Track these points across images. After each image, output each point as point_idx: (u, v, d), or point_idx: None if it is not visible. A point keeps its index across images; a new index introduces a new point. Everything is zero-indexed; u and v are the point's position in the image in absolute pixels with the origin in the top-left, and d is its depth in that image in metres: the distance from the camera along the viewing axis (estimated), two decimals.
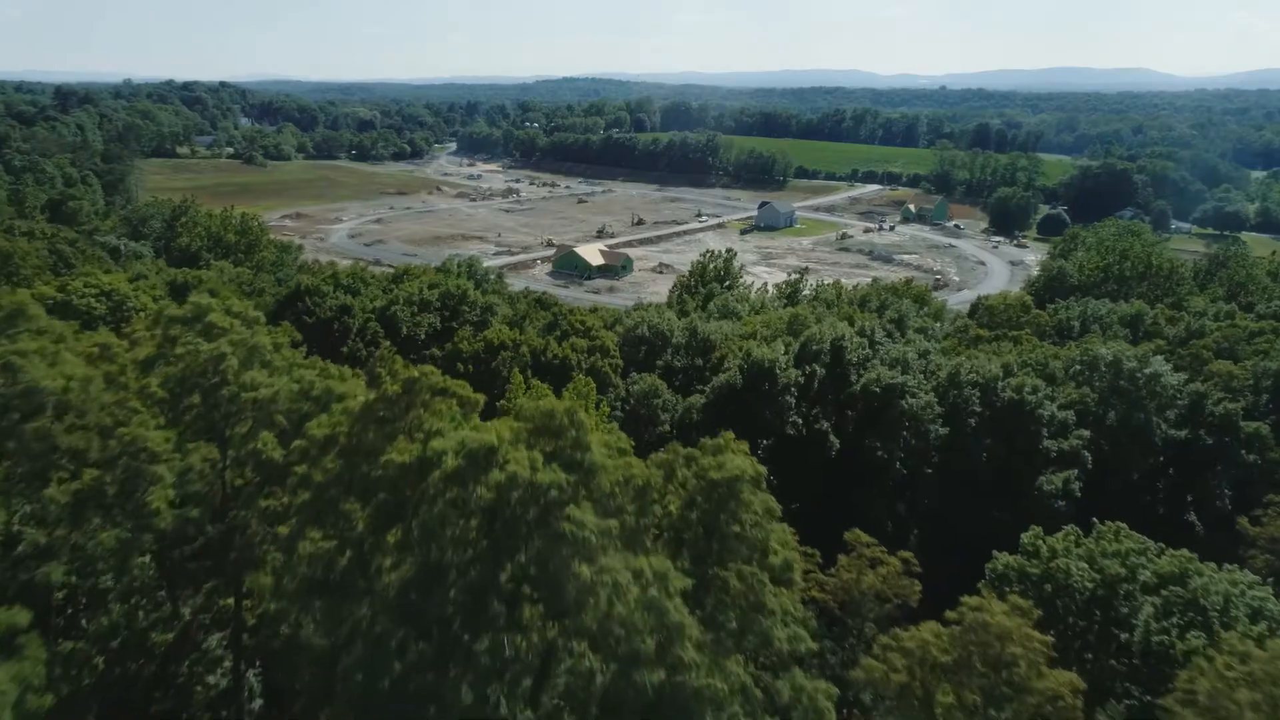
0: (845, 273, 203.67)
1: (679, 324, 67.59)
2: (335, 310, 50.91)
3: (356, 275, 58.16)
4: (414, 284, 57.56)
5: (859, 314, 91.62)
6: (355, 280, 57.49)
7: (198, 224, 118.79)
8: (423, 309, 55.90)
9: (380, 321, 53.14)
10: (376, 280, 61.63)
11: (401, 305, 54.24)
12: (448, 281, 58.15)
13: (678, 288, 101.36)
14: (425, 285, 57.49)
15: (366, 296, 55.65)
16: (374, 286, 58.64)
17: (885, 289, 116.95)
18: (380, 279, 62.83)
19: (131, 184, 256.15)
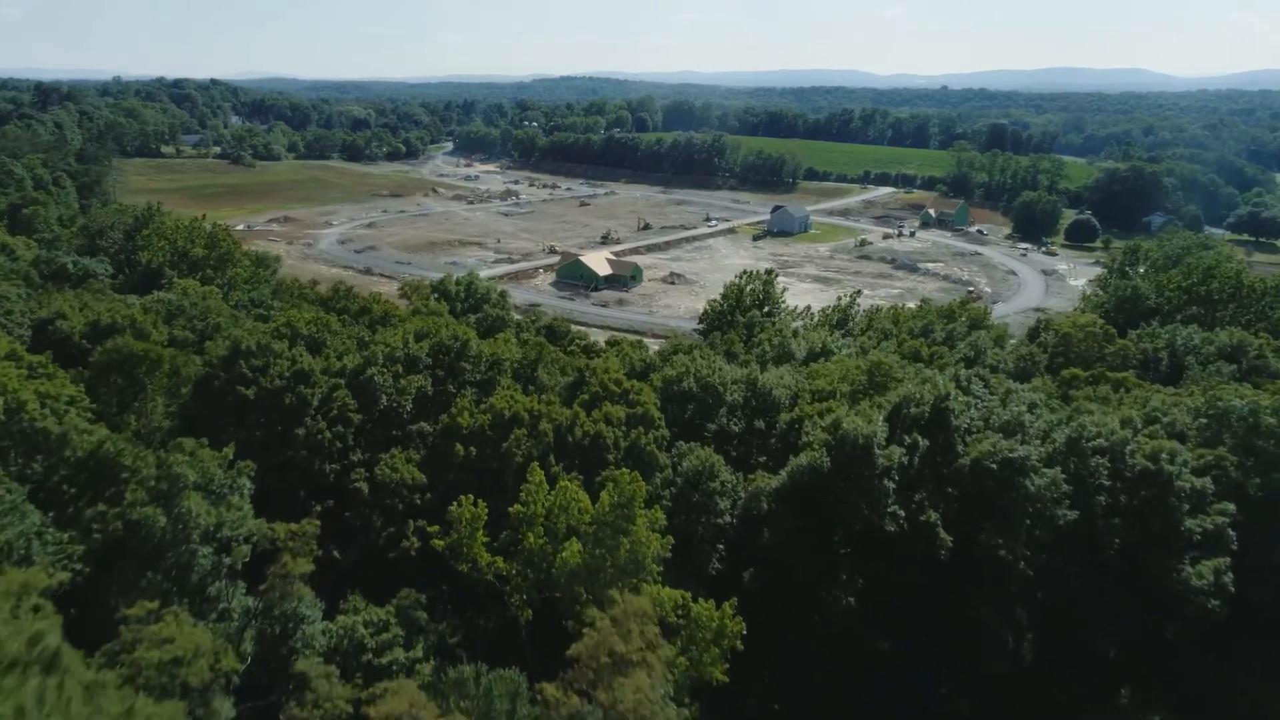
0: (869, 283, 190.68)
1: (732, 373, 54.23)
2: (288, 378, 37.50)
3: (321, 324, 44.63)
4: (397, 333, 44.05)
5: (923, 346, 78.60)
6: (319, 329, 43.97)
7: (162, 236, 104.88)
8: (409, 368, 42.43)
9: (352, 388, 39.69)
10: (346, 329, 48.04)
11: (380, 365, 40.77)
12: (441, 330, 44.65)
13: (710, 315, 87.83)
14: (412, 335, 43.96)
15: (333, 351, 42.22)
16: (344, 336, 45.16)
17: (939, 311, 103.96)
18: (352, 328, 49.19)
19: (109, 186, 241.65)
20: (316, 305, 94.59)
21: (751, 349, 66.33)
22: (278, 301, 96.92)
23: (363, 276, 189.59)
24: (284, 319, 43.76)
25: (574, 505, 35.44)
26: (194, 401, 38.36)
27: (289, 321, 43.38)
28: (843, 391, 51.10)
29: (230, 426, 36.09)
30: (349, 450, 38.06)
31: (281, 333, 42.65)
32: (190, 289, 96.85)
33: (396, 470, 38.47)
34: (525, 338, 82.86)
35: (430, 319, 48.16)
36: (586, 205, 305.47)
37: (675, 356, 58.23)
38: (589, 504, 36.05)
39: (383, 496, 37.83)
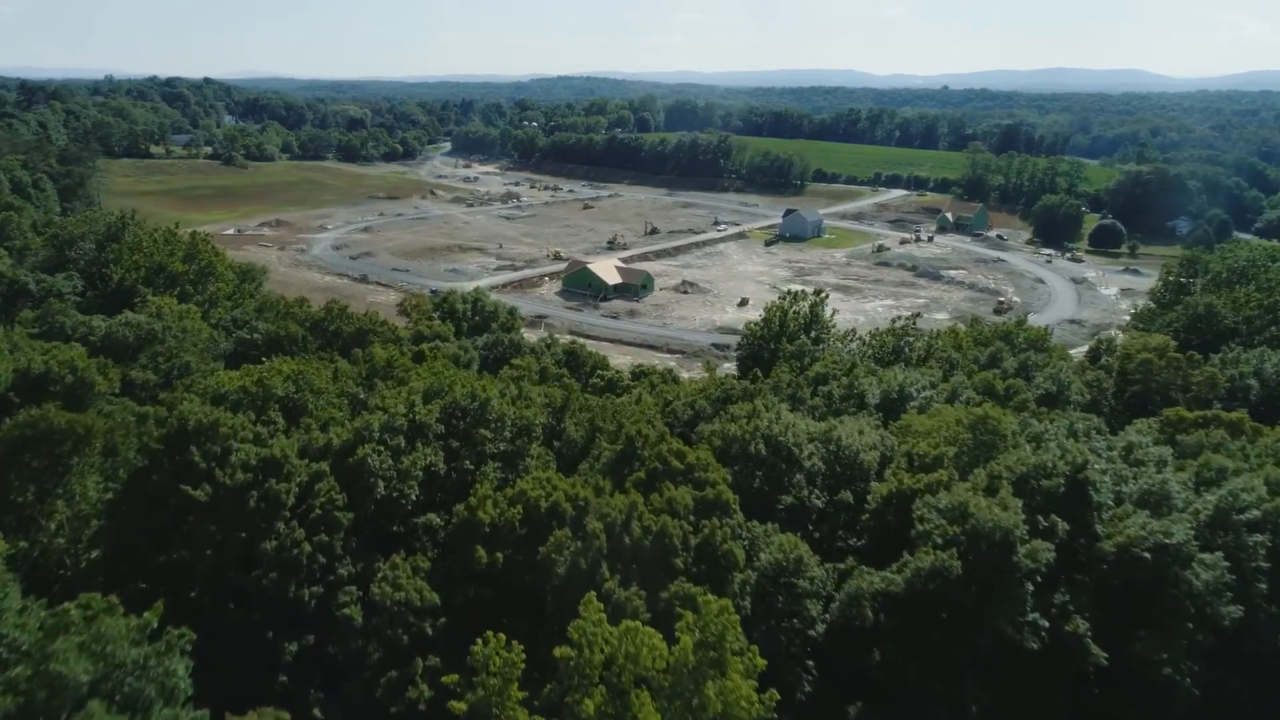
0: (892, 293, 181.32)
1: (804, 426, 44.54)
2: (254, 469, 27.73)
3: (302, 381, 34.82)
4: (399, 394, 34.19)
5: (995, 380, 68.86)
6: (300, 387, 34.18)
7: (135, 248, 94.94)
8: (414, 437, 32.63)
9: (340, 475, 29.96)
10: (336, 383, 38.02)
11: (377, 442, 31.02)
12: (454, 387, 34.84)
13: (749, 341, 77.99)
14: (419, 396, 34.15)
15: (316, 420, 32.44)
16: (331, 394, 35.34)
17: (995, 332, 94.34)
18: (344, 381, 39.09)
19: (93, 188, 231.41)
20: (305, 327, 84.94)
21: (810, 388, 56.47)
22: (263, 322, 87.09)
23: (358, 285, 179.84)
24: (255, 377, 33.87)
25: (645, 652, 25.69)
26: (124, 507, 28.59)
27: (261, 380, 33.51)
28: (947, 456, 41.39)
29: (172, 540, 26.44)
30: (335, 562, 28.33)
31: (251, 393, 32.90)
32: (166, 308, 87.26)
33: (399, 587, 28.78)
34: (545, 363, 73.20)
35: (441, 372, 38.21)
36: (590, 208, 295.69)
37: (732, 406, 48.42)
38: (663, 646, 26.34)
39: (381, 625, 28.07)
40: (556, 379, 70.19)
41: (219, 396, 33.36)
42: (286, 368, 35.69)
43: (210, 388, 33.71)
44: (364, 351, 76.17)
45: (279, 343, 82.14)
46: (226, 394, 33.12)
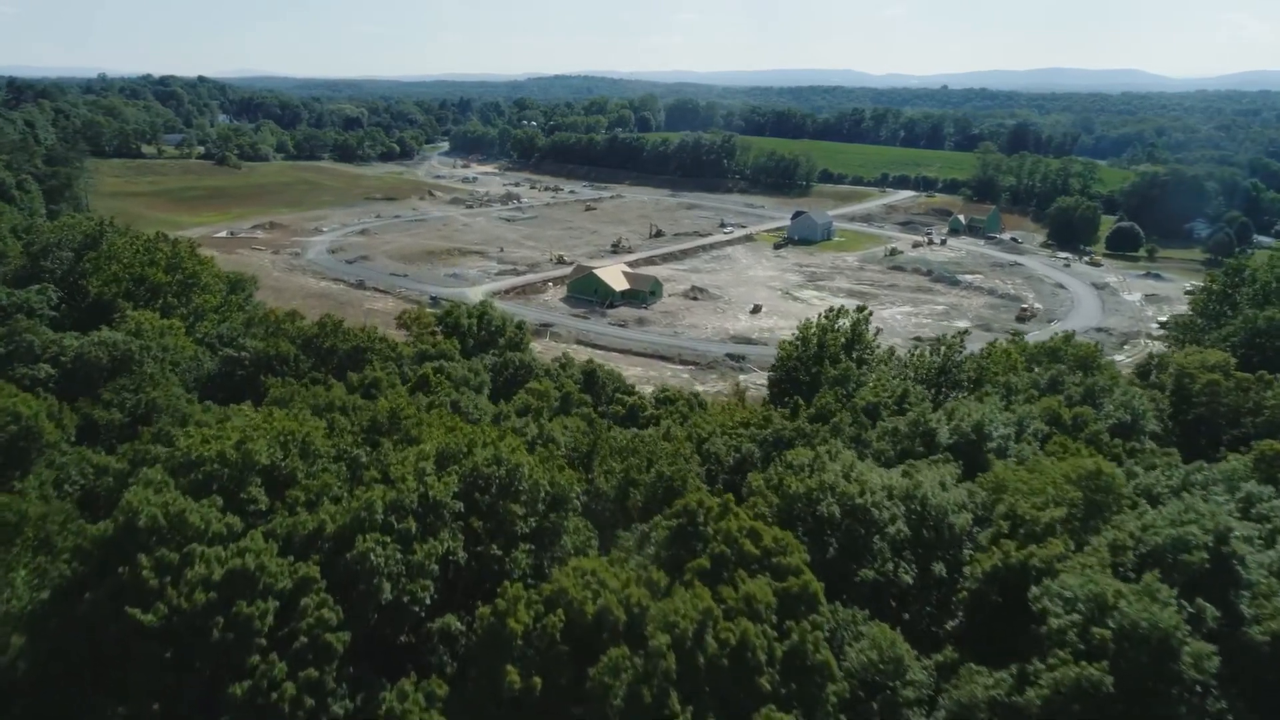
0: (908, 298, 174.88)
1: (883, 481, 37.89)
2: (218, 587, 20.89)
3: (293, 440, 27.93)
4: (406, 461, 27.25)
5: (1061, 408, 62.27)
6: (288, 451, 27.32)
7: (113, 258, 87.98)
8: (426, 517, 25.91)
9: (333, 577, 23.22)
10: (333, 439, 31.08)
11: (379, 530, 24.31)
12: (475, 450, 28.11)
13: (783, 363, 71.12)
14: (430, 462, 27.36)
15: (304, 494, 25.63)
16: (326, 459, 28.44)
17: (1039, 348, 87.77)
18: (344, 437, 32.04)
19: (80, 189, 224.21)
20: (296, 345, 78.16)
21: (871, 427, 49.69)
22: (251, 339, 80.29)
23: (355, 291, 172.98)
24: (235, 439, 27.06)
25: None
26: (50, 627, 21.67)
27: (242, 444, 26.65)
28: (1058, 521, 34.73)
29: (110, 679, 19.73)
30: (326, 700, 21.58)
31: (229, 461, 26.14)
32: (147, 324, 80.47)
33: None
34: (566, 385, 66.46)
35: (458, 427, 31.34)
36: (592, 209, 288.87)
37: (788, 453, 41.73)
38: None
39: None
40: (578, 405, 63.67)
41: (188, 464, 26.60)
42: (275, 424, 28.81)
43: (177, 455, 26.91)
44: (360, 376, 69.67)
45: (269, 362, 75.42)
46: (198, 460, 26.40)
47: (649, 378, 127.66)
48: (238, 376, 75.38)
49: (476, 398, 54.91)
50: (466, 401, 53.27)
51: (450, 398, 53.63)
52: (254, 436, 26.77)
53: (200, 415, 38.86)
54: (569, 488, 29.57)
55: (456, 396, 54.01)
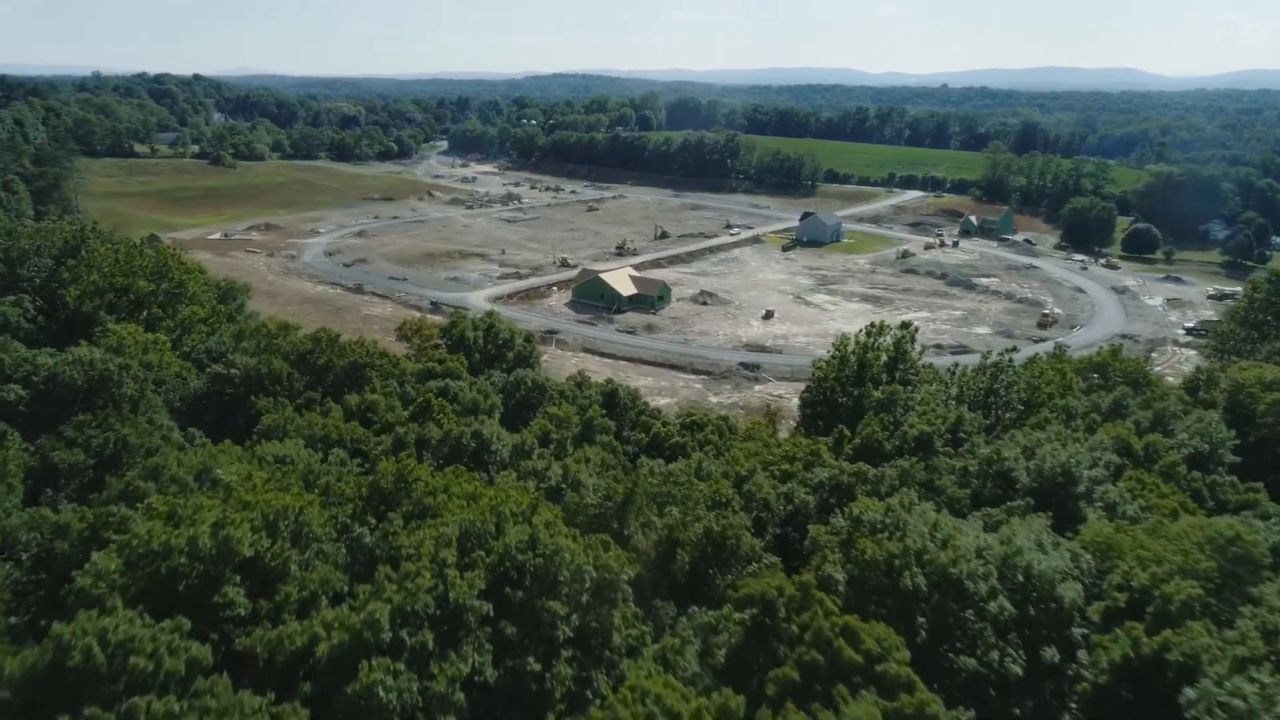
0: (925, 303, 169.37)
1: (976, 542, 32.36)
2: None
3: (284, 518, 22.18)
4: (421, 544, 21.49)
5: (1129, 435, 56.87)
6: (279, 535, 21.58)
7: (93, 266, 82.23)
8: (447, 625, 20.33)
9: (331, 713, 17.65)
10: (333, 507, 25.27)
11: (387, 652, 18.72)
12: (509, 530, 22.57)
13: (820, 383, 65.39)
14: (451, 550, 21.59)
15: (295, 591, 19.96)
16: (324, 540, 22.81)
17: (1084, 363, 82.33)
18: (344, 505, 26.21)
19: (70, 190, 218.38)
20: (290, 361, 72.59)
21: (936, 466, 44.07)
22: (241, 354, 74.66)
23: (352, 295, 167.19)
24: (210, 521, 21.44)
25: None
26: None
27: (221, 528, 20.99)
28: (1193, 599, 29.19)
29: None
30: None
31: (202, 553, 20.51)
32: (130, 338, 74.78)
33: None
34: (589, 409, 60.81)
35: (481, 494, 25.54)
36: (595, 210, 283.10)
37: (855, 505, 36.16)
38: None
39: None
40: (601, 431, 58.09)
41: (147, 555, 21.00)
42: (263, 498, 23.12)
43: (135, 543, 21.26)
44: (359, 398, 64.06)
45: (260, 381, 69.87)
46: (163, 552, 20.81)
47: (661, 388, 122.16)
48: (227, 396, 69.85)
49: (493, 425, 49.34)
50: (488, 430, 47.78)
51: (466, 428, 48.07)
52: (234, 521, 21.15)
53: (175, 468, 33.15)
54: (618, 571, 23.99)
55: (474, 426, 48.43)
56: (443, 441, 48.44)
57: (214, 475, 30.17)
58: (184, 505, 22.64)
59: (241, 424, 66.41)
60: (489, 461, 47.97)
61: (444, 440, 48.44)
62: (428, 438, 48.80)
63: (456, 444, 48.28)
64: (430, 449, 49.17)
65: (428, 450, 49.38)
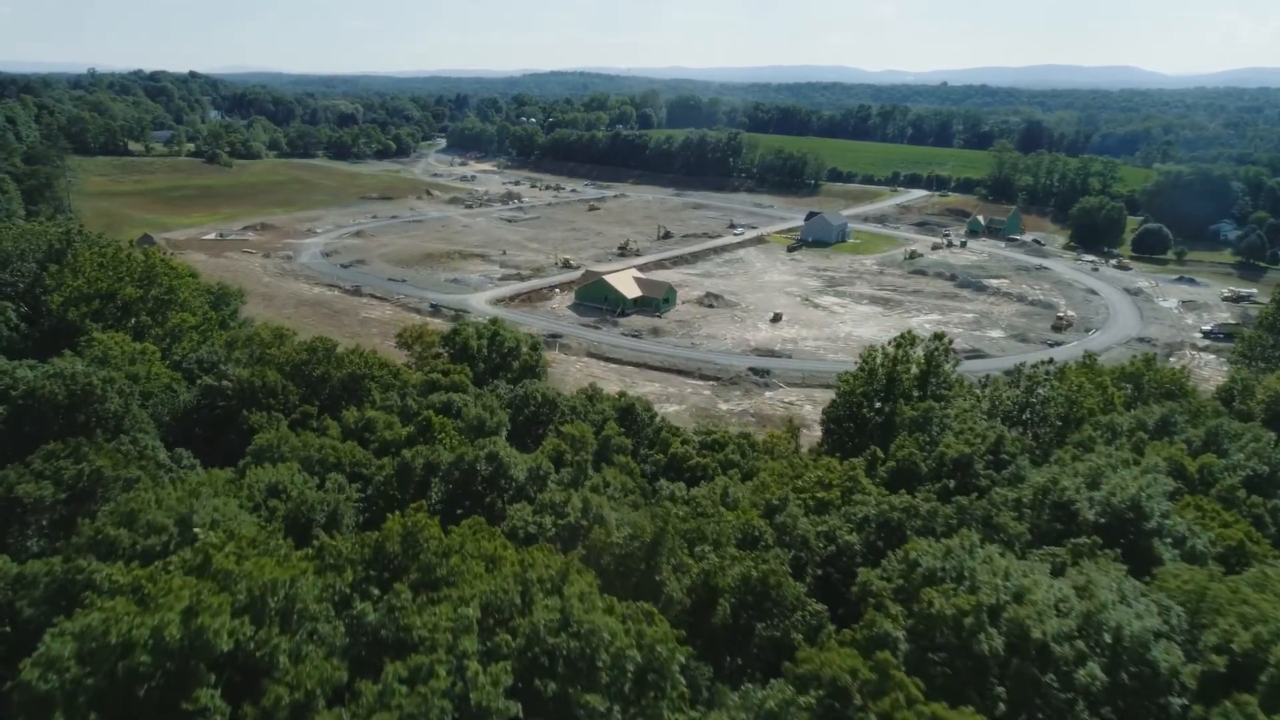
0: (935, 305, 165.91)
1: (1053, 594, 28.84)
2: None
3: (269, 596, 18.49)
4: (436, 627, 17.82)
5: (1182, 456, 53.33)
6: (262, 628, 17.82)
7: (78, 271, 78.45)
8: None
9: None
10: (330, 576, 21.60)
11: None
12: (536, 608, 18.98)
13: (846, 398, 61.68)
14: (470, 636, 17.96)
15: (286, 693, 16.62)
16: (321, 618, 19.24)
17: (1118, 373, 78.73)
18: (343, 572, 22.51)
19: (61, 189, 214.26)
20: (284, 373, 68.90)
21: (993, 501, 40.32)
22: (235, 365, 71.02)
23: (350, 298, 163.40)
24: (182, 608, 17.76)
25: None
26: None
27: (193, 615, 17.21)
28: None
29: None
30: None
31: (168, 648, 16.80)
32: (116, 347, 71.15)
33: None
34: (604, 423, 57.16)
35: (504, 566, 21.68)
36: (596, 209, 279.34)
37: (912, 545, 32.55)
38: None
39: None
40: (618, 451, 54.48)
41: (103, 650, 17.27)
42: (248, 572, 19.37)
43: (92, 629, 17.50)
44: (357, 415, 60.39)
45: (253, 394, 66.16)
46: (125, 644, 17.11)
47: (669, 395, 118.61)
48: (218, 409, 66.15)
49: (507, 448, 45.71)
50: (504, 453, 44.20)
51: (479, 451, 44.43)
52: (211, 607, 17.36)
53: (153, 510, 29.42)
54: (670, 656, 20.35)
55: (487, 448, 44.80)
56: (454, 465, 44.78)
57: (193, 531, 26.48)
58: (152, 585, 18.94)
59: (234, 440, 62.76)
60: (504, 488, 44.34)
61: (455, 464, 44.77)
62: (437, 462, 45.13)
63: (469, 469, 44.61)
64: (439, 474, 45.52)
65: (436, 475, 45.75)
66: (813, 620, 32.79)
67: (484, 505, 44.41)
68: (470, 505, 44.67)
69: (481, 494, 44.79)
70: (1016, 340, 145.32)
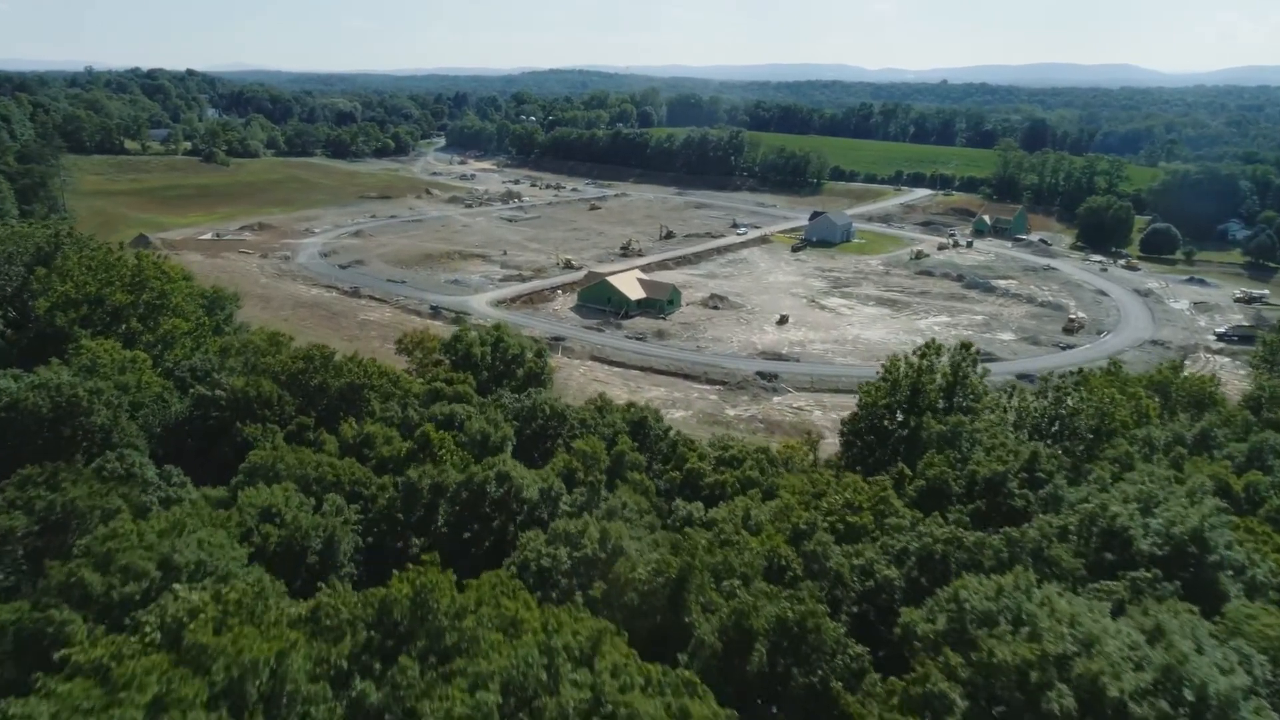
0: (943, 307, 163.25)
1: (1123, 643, 26.18)
2: None
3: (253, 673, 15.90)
4: (456, 704, 15.43)
5: (1227, 473, 50.72)
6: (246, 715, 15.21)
7: (66, 276, 75.61)
8: None
9: None
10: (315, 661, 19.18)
11: None
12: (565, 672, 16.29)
13: (868, 409, 58.89)
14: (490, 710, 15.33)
15: None
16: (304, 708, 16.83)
17: (1144, 381, 76.00)
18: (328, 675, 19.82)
19: (56, 188, 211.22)
20: (280, 382, 66.24)
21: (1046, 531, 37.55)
22: (229, 374, 68.23)
23: (349, 299, 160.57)
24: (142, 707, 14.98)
25: None
26: None
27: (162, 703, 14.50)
28: None
29: None
30: None
31: None
32: (105, 356, 68.52)
33: None
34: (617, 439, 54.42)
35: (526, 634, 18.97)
36: (597, 209, 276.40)
37: (961, 583, 29.87)
38: None
39: None
40: (632, 467, 51.78)
41: None
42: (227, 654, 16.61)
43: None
44: (355, 429, 57.63)
45: (248, 405, 63.50)
46: None
47: (675, 400, 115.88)
48: (212, 420, 63.47)
49: (520, 469, 42.98)
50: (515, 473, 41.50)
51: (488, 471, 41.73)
52: (182, 698, 14.54)
53: (131, 549, 26.68)
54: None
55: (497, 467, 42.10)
56: (462, 486, 42.09)
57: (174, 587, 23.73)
58: (118, 666, 16.17)
59: (227, 453, 60.04)
60: (515, 511, 41.63)
61: (464, 484, 42.07)
62: (444, 484, 42.41)
63: (478, 490, 41.92)
64: (446, 496, 42.80)
65: (444, 496, 43.02)
66: (853, 664, 30.14)
67: (493, 529, 41.75)
68: (479, 529, 42.03)
69: (490, 516, 42.12)
70: (1028, 343, 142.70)
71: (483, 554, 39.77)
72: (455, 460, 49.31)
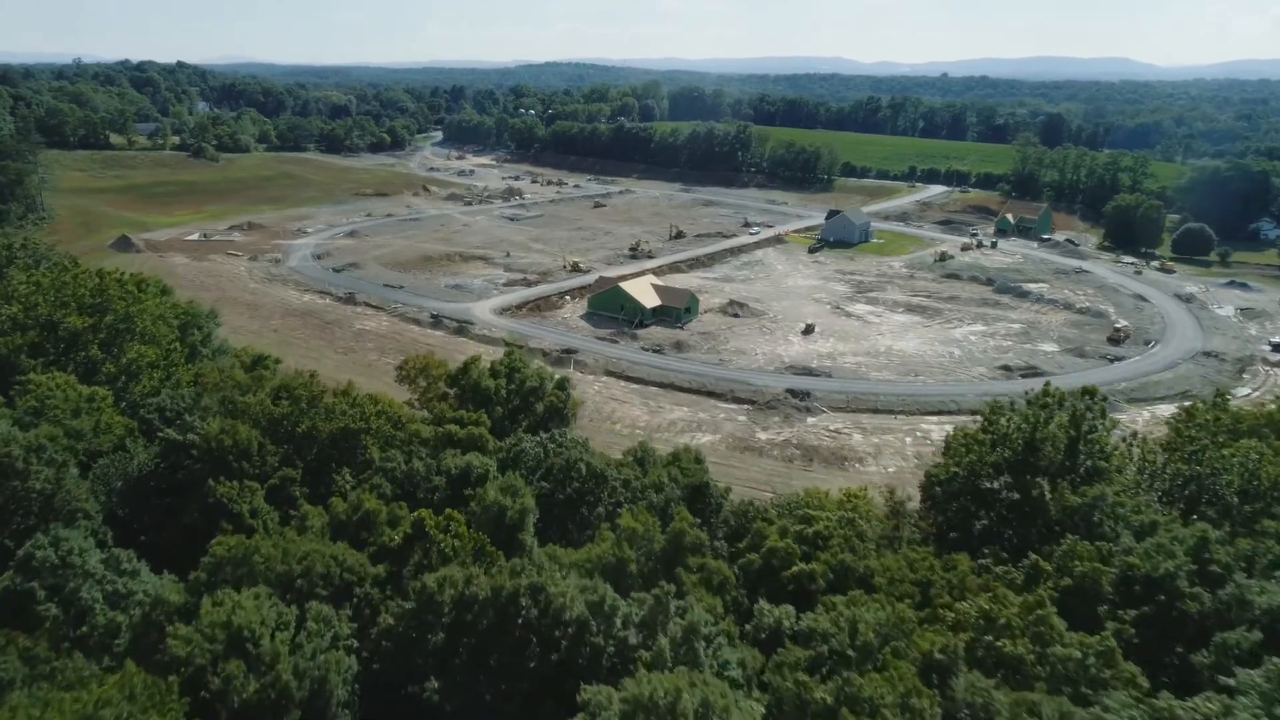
0: (976, 314, 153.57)
1: None
2: None
3: None
4: None
5: None
6: None
7: (13, 296, 65.22)
8: None
9: None
10: None
11: None
12: None
13: (959, 465, 48.55)
14: None
15: None
16: None
17: (1267, 421, 66.01)
18: None
19: (33, 186, 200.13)
20: (260, 427, 56.19)
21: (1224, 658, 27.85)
22: (203, 415, 57.85)
23: (343, 306, 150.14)
24: None
25: None
26: None
27: None
28: None
29: None
30: None
31: None
32: (58, 392, 58.37)
33: None
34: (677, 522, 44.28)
35: None
36: (602, 206, 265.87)
37: None
38: None
39: None
40: (693, 550, 41.59)
41: None
42: None
43: None
44: (350, 504, 47.32)
45: (222, 455, 53.37)
46: None
47: (700, 421, 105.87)
48: (181, 473, 53.34)
49: (556, 579, 32.84)
50: (554, 587, 31.34)
51: (521, 581, 31.65)
52: None
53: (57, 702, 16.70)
54: None
55: (532, 578, 32.00)
56: (488, 604, 32.03)
57: None
58: None
59: (197, 519, 50.03)
60: (559, 638, 31.52)
61: (492, 600, 32.03)
62: (470, 598, 32.31)
63: (508, 604, 31.88)
64: (473, 611, 32.69)
65: (470, 613, 32.90)
66: None
67: (527, 665, 31.58)
68: (509, 661, 31.89)
69: (521, 646, 31.99)
70: (1073, 355, 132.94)
71: (516, 706, 29.70)
72: (465, 547, 39.27)
